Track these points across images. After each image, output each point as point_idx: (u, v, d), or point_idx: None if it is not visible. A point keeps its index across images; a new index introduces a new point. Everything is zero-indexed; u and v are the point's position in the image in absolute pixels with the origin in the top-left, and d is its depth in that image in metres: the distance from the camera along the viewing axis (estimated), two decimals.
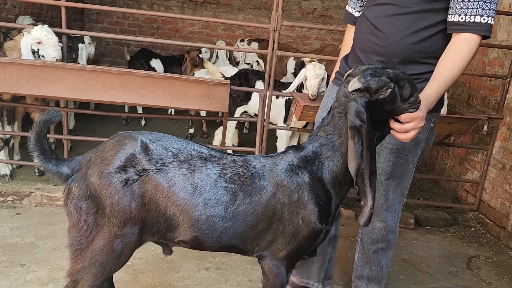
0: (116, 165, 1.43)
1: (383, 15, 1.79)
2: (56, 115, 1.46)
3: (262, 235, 1.55)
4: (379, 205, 2.04)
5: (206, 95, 3.08)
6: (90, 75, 3.01)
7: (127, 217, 1.43)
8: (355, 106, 1.42)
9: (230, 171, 1.52)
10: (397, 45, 1.75)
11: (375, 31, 1.82)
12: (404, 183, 2.00)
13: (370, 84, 1.43)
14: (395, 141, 1.89)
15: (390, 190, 2.00)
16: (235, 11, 6.99)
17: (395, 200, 2.02)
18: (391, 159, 1.93)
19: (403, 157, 1.92)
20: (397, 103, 1.46)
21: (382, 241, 2.12)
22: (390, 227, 2.08)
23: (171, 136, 1.56)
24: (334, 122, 1.53)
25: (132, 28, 6.95)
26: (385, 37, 1.78)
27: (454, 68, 1.64)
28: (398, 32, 1.75)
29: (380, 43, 1.80)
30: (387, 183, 1.98)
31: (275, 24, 3.32)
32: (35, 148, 1.46)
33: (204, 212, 1.47)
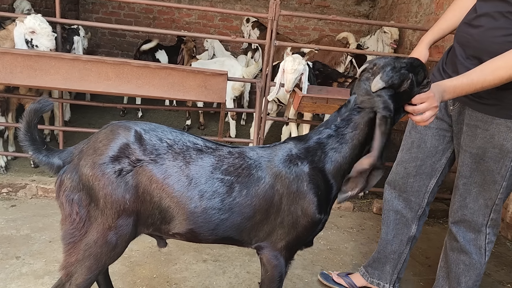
0: (109, 155, 1.40)
1: (493, 10, 1.70)
2: (47, 104, 1.42)
3: (260, 226, 1.52)
4: (453, 210, 1.96)
5: (203, 85, 3.04)
6: (85, 65, 2.96)
7: (121, 208, 1.40)
8: (383, 99, 1.42)
9: (226, 162, 1.49)
10: (493, 44, 1.66)
11: (476, 22, 1.75)
12: (489, 195, 1.82)
13: (393, 81, 1.43)
14: (476, 145, 1.81)
15: (468, 198, 1.89)
16: (232, 1, 6.91)
17: (476, 211, 1.87)
18: (469, 163, 1.85)
19: (483, 163, 1.80)
20: (414, 90, 1.48)
21: (460, 252, 1.96)
22: (467, 239, 1.92)
23: (166, 126, 1.53)
24: (350, 116, 1.51)
25: (128, 19, 6.86)
26: (484, 32, 1.71)
27: (490, 75, 1.55)
28: (499, 30, 1.67)
29: (477, 36, 1.73)
30: (464, 188, 1.89)
31: (273, 13, 3.27)
32: (25, 138, 1.42)
33: (200, 205, 1.44)
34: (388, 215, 2.23)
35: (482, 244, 1.92)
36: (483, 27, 1.72)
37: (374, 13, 6.97)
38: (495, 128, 1.75)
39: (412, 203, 2.16)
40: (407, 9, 5.63)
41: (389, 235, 2.23)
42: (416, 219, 2.18)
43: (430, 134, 2.05)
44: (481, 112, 1.78)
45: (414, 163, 2.10)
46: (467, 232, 1.93)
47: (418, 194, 2.14)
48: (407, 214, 2.18)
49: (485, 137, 1.78)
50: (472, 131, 1.82)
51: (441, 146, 2.04)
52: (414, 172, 2.11)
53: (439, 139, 2.04)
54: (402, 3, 5.83)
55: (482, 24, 1.73)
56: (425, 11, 5.06)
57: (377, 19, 6.67)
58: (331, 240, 2.98)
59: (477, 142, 1.81)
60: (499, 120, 1.74)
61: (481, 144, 1.80)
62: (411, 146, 2.10)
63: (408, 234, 2.20)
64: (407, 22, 5.52)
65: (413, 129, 2.10)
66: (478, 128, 1.80)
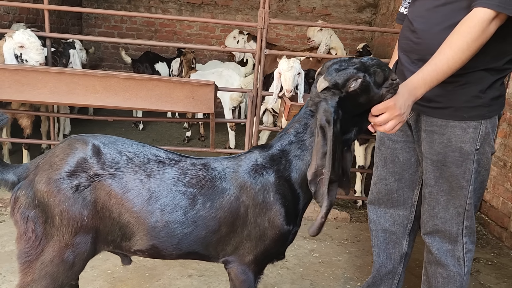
0: (65, 170, 1.35)
1: (421, 10, 1.69)
2: (1, 119, 1.39)
3: (226, 239, 1.46)
4: (423, 221, 1.88)
5: (190, 96, 3.00)
6: (73, 78, 2.94)
7: (78, 225, 1.35)
8: (324, 106, 1.36)
9: (189, 174, 1.43)
10: (432, 41, 1.60)
11: (411, 27, 1.72)
12: (458, 202, 1.75)
13: (336, 79, 1.36)
14: (435, 151, 1.74)
15: (437, 207, 1.81)
16: (233, 12, 6.91)
17: (448, 220, 1.79)
18: (432, 170, 1.78)
19: (446, 170, 1.73)
20: (372, 92, 1.38)
21: (437, 265, 1.87)
22: (442, 250, 1.84)
23: (127, 139, 1.48)
24: (305, 120, 1.46)
25: (130, 32, 6.91)
26: (419, 33, 1.67)
27: (450, 51, 1.46)
28: (433, 27, 1.63)
29: (415, 39, 1.70)
30: (431, 197, 1.81)
31: (262, 22, 3.22)
32: None
33: (161, 219, 1.38)
34: (377, 236, 2.13)
35: (460, 255, 1.83)
36: (419, 29, 1.69)
37: (376, 20, 6.89)
38: (451, 131, 1.70)
39: (401, 218, 2.06)
40: None
41: (382, 256, 2.13)
42: (406, 235, 2.08)
43: (399, 148, 1.96)
44: (435, 117, 1.73)
45: (393, 178, 2.01)
46: (442, 243, 1.84)
47: (405, 208, 2.05)
48: (396, 231, 2.08)
49: (442, 142, 1.72)
50: (430, 137, 1.76)
51: (413, 157, 1.96)
52: (396, 187, 2.02)
53: (409, 151, 1.95)
54: None
55: (417, 26, 1.70)
56: None
57: (379, 26, 6.59)
58: (324, 252, 2.89)
59: (436, 148, 1.74)
60: (454, 122, 1.68)
61: (440, 149, 1.73)
62: (385, 162, 2.01)
63: (401, 251, 2.10)
64: None
65: (382, 145, 2.02)
66: (435, 133, 1.73)
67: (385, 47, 6.29)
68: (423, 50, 1.68)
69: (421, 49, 1.69)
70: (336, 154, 1.35)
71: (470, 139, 1.68)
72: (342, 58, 1.43)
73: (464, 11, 1.52)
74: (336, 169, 1.36)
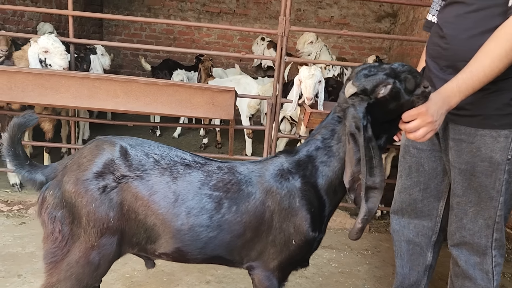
0: (93, 171, 1.35)
1: (450, 16, 1.67)
2: (31, 119, 1.40)
3: (251, 244, 1.44)
4: (451, 232, 1.83)
5: (210, 102, 3.00)
6: (94, 83, 2.98)
7: (104, 227, 1.35)
8: (352, 112, 1.34)
9: (215, 178, 1.42)
10: (462, 47, 1.59)
11: (441, 33, 1.70)
12: (488, 213, 1.69)
13: (365, 85, 1.34)
14: (463, 160, 1.70)
15: (464, 218, 1.75)
16: (251, 21, 6.96)
17: (477, 232, 1.73)
18: (460, 180, 1.73)
19: (475, 180, 1.68)
20: (402, 99, 1.35)
21: (464, 278, 1.81)
22: (470, 263, 1.78)
23: (153, 141, 1.48)
24: (332, 126, 1.44)
25: (149, 40, 7.00)
26: (449, 39, 1.65)
27: (486, 58, 1.43)
28: (463, 33, 1.61)
29: (444, 45, 1.67)
30: (459, 208, 1.76)
31: (283, 29, 3.22)
32: (7, 153, 1.40)
33: (187, 222, 1.37)
34: (400, 246, 2.08)
35: (489, 268, 1.76)
36: (448, 34, 1.66)
37: (395, 30, 6.86)
38: (480, 140, 1.64)
39: (425, 229, 2.00)
40: None
41: (405, 268, 2.07)
42: (431, 246, 2.02)
43: (425, 157, 1.92)
44: (463, 125, 1.68)
45: (417, 188, 1.96)
46: (470, 256, 1.78)
47: (430, 219, 1.99)
48: (420, 242, 2.02)
49: (471, 151, 1.67)
50: (458, 146, 1.71)
51: (439, 167, 1.91)
52: (420, 197, 1.97)
53: (435, 160, 1.90)
54: (423, 18, 5.70)
55: (446, 32, 1.67)
56: None
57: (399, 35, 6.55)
58: (344, 262, 2.84)
59: (464, 157, 1.69)
60: (483, 131, 1.63)
61: (468, 158, 1.68)
62: (410, 171, 1.96)
63: (425, 263, 2.04)
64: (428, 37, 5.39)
65: (406, 154, 1.97)
66: (463, 142, 1.69)
67: (404, 57, 6.24)
68: (452, 56, 1.66)
69: (450, 55, 1.67)
70: (374, 160, 1.32)
71: (501, 149, 1.63)
72: (372, 64, 1.41)
73: (498, 18, 1.49)
74: (375, 175, 1.33)
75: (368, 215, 1.34)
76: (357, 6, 6.88)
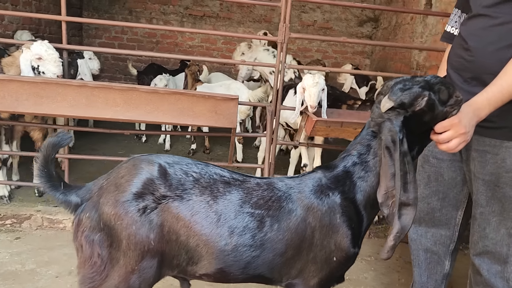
0: (132, 192, 1.30)
1: (475, 28, 1.68)
2: (65, 138, 1.33)
3: (291, 262, 1.42)
4: (473, 242, 1.84)
5: (213, 110, 2.96)
6: (93, 91, 2.88)
7: (145, 249, 1.30)
8: (389, 126, 1.34)
9: (255, 195, 1.40)
10: (487, 60, 1.61)
11: (465, 45, 1.71)
12: (510, 223, 1.71)
13: (403, 99, 1.35)
14: (488, 171, 1.71)
15: (487, 228, 1.77)
16: (235, 25, 6.92)
17: (499, 241, 1.75)
18: (484, 191, 1.75)
19: (499, 190, 1.69)
20: (437, 110, 1.37)
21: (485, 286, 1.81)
22: (492, 272, 1.79)
23: (189, 159, 1.44)
24: (367, 142, 1.45)
25: (131, 43, 6.85)
26: (474, 51, 1.66)
27: None
28: (488, 46, 1.62)
29: (469, 58, 1.68)
30: (482, 218, 1.78)
31: (283, 36, 3.22)
32: (41, 174, 1.32)
33: (231, 242, 1.34)
34: (418, 255, 2.10)
35: (510, 276, 1.79)
36: (473, 47, 1.68)
37: (377, 34, 6.98)
38: (505, 152, 1.67)
39: (443, 238, 2.03)
40: (412, 29, 5.62)
41: (423, 277, 2.09)
42: (449, 255, 2.05)
43: (445, 167, 1.94)
44: (488, 137, 1.71)
45: (436, 197, 1.99)
46: (492, 264, 1.81)
47: (448, 227, 2.02)
48: (438, 251, 2.05)
49: (496, 162, 1.70)
50: (482, 157, 1.73)
51: (459, 177, 1.93)
52: (439, 206, 1.99)
53: (455, 170, 1.93)
54: (406, 23, 5.83)
55: (471, 44, 1.69)
56: (431, 31, 5.05)
57: (381, 40, 6.67)
58: (349, 270, 2.85)
59: (489, 168, 1.72)
60: (508, 143, 1.66)
61: (493, 170, 1.71)
62: (428, 181, 1.99)
63: (443, 272, 2.07)
64: (412, 42, 5.50)
65: (425, 163, 1.99)
66: (488, 153, 1.71)
67: (387, 61, 6.36)
68: (477, 69, 1.68)
69: (475, 68, 1.69)
70: (408, 175, 1.33)
71: None
72: (405, 77, 1.42)
73: None
74: (409, 191, 1.33)
75: (401, 232, 1.34)
76: (339, 11, 6.96)
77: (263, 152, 4.54)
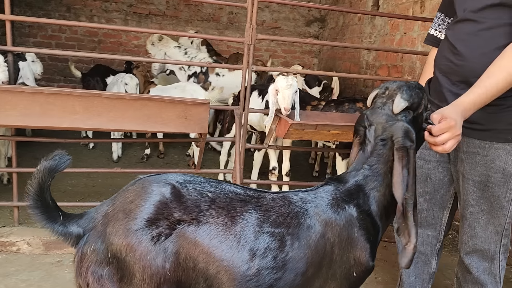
0: (144, 218, 1.16)
1: (463, 33, 1.71)
2: (63, 160, 1.15)
3: (311, 281, 1.35)
4: (463, 241, 1.88)
5: (183, 116, 2.80)
6: (48, 98, 2.60)
7: (161, 281, 1.16)
8: (404, 126, 1.35)
9: (273, 212, 1.31)
10: (475, 64, 1.64)
11: (453, 50, 1.73)
12: (498, 221, 1.79)
13: (414, 99, 1.39)
14: (477, 172, 1.75)
15: (477, 226, 1.81)
16: (183, 23, 6.71)
17: (487, 239, 1.82)
18: (473, 191, 1.79)
19: (488, 190, 1.75)
20: (424, 114, 1.44)
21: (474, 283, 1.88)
22: (480, 269, 1.86)
23: (200, 177, 1.32)
24: (378, 151, 1.42)
25: (70, 42, 6.39)
26: (462, 56, 1.69)
27: (500, 75, 1.51)
28: (476, 50, 1.66)
29: (458, 62, 1.71)
30: (472, 217, 1.82)
31: (250, 37, 3.14)
32: (35, 204, 1.13)
33: (253, 265, 1.23)
34: None
35: (497, 272, 1.87)
36: (461, 52, 1.74)
37: (324, 34, 7.11)
38: (495, 153, 1.74)
39: (430, 238, 2.07)
40: (360, 30, 5.78)
41: (411, 277, 2.12)
42: (435, 254, 2.09)
43: (432, 168, 1.98)
44: (476, 139, 1.77)
45: (423, 198, 2.02)
46: (480, 262, 1.88)
47: (434, 228, 2.06)
48: (425, 251, 2.08)
49: (485, 163, 1.76)
50: (472, 158, 1.79)
51: (446, 177, 1.98)
52: (425, 207, 2.03)
53: (442, 171, 1.98)
54: (354, 24, 5.98)
55: (460, 49, 1.75)
56: (379, 32, 5.21)
57: (328, 40, 6.79)
58: None
59: (478, 169, 1.78)
60: (497, 144, 1.73)
61: (482, 170, 1.77)
62: (416, 182, 2.03)
63: (429, 271, 2.11)
64: (361, 42, 5.66)
65: None
66: (477, 155, 1.77)
67: (336, 61, 6.49)
68: (466, 72, 1.72)
69: (464, 71, 1.73)
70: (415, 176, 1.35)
71: None
72: (398, 81, 1.45)
73: (509, 35, 1.59)
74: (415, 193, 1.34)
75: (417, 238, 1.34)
76: (287, 10, 6.99)
77: (225, 156, 4.45)
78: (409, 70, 4.39)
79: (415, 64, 4.28)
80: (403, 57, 4.51)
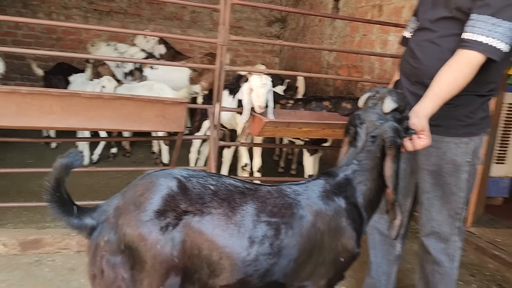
0: (153, 209, 1.26)
1: (421, 40, 1.93)
2: (78, 158, 1.23)
3: (303, 266, 1.50)
4: (422, 224, 2.09)
5: (161, 115, 2.87)
6: (24, 98, 2.59)
7: (169, 268, 1.27)
8: (393, 124, 1.53)
9: (269, 203, 1.44)
10: (430, 68, 1.85)
11: (412, 54, 1.96)
12: (450, 205, 2.02)
13: (401, 102, 1.58)
14: (431, 163, 1.98)
15: (433, 211, 2.04)
16: (145, 22, 6.68)
17: (442, 222, 2.05)
18: (428, 179, 2.02)
19: (441, 178, 1.98)
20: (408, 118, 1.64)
21: (433, 263, 2.12)
22: (437, 249, 2.09)
23: (202, 171, 1.43)
24: (368, 147, 1.58)
25: (27, 39, 6.20)
26: (419, 60, 1.92)
27: (446, 80, 1.72)
28: (431, 55, 1.88)
29: (415, 65, 1.94)
30: (428, 202, 2.04)
31: (223, 38, 3.24)
32: (53, 198, 1.20)
33: (251, 252, 1.36)
34: (374, 237, 2.34)
35: (451, 252, 2.12)
36: (418, 56, 1.98)
37: (285, 34, 7.30)
38: (446, 146, 1.99)
39: None
40: (321, 31, 6.01)
41: (378, 257, 2.33)
42: (400, 238, 2.31)
43: None
44: (431, 134, 1.99)
45: None
46: (437, 243, 2.12)
47: None
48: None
49: (438, 155, 2.01)
50: (427, 151, 2.01)
51: (408, 168, 2.20)
52: None
53: (405, 162, 2.19)
54: (315, 25, 6.20)
55: (417, 54, 1.99)
56: (340, 34, 5.46)
57: (289, 40, 6.99)
58: None
59: (432, 160, 2.02)
60: (448, 138, 1.98)
61: (436, 161, 2.02)
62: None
63: (394, 253, 2.33)
64: (321, 43, 5.89)
65: None
66: (431, 147, 1.98)
67: (297, 60, 6.71)
68: (421, 74, 1.95)
69: (420, 73, 1.96)
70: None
71: (462, 153, 1.98)
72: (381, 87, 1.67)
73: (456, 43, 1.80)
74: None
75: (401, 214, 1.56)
76: (249, 11, 7.12)
77: (195, 154, 4.53)
78: (369, 70, 4.66)
79: (374, 65, 4.54)
80: (362, 58, 4.76)
